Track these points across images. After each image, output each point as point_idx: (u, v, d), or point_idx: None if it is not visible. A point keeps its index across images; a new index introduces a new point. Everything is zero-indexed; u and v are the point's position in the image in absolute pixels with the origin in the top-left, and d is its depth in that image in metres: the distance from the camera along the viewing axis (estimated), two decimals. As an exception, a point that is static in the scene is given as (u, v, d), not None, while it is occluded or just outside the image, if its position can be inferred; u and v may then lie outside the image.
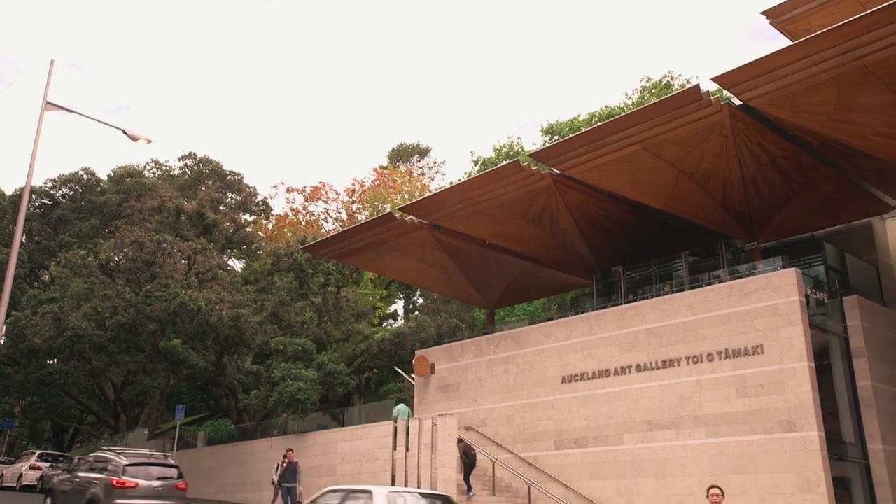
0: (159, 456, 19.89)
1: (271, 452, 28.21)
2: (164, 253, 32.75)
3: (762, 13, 27.23)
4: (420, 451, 21.67)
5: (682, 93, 19.51)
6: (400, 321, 50.60)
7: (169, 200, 38.38)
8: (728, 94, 19.17)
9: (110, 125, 18.72)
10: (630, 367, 21.76)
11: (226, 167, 53.03)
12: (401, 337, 37.20)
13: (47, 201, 46.37)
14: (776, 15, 26.91)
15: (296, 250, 34.19)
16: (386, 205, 48.59)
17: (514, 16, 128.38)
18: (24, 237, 43.70)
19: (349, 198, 54.01)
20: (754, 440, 18.63)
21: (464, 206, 24.90)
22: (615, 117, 20.11)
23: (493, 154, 47.57)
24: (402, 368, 37.61)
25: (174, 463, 19.79)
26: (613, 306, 23.58)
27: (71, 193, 46.63)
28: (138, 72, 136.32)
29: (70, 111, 18.15)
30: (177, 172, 53.66)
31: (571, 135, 24.14)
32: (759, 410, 18.73)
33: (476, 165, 47.76)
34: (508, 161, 26.10)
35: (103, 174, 48.83)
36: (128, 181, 46.08)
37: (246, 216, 48.91)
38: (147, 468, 18.27)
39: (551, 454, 22.85)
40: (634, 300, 23.30)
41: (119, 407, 43.18)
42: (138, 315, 30.53)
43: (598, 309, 24.07)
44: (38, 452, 35.02)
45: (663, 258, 25.24)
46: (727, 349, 19.79)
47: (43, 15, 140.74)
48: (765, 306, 19.40)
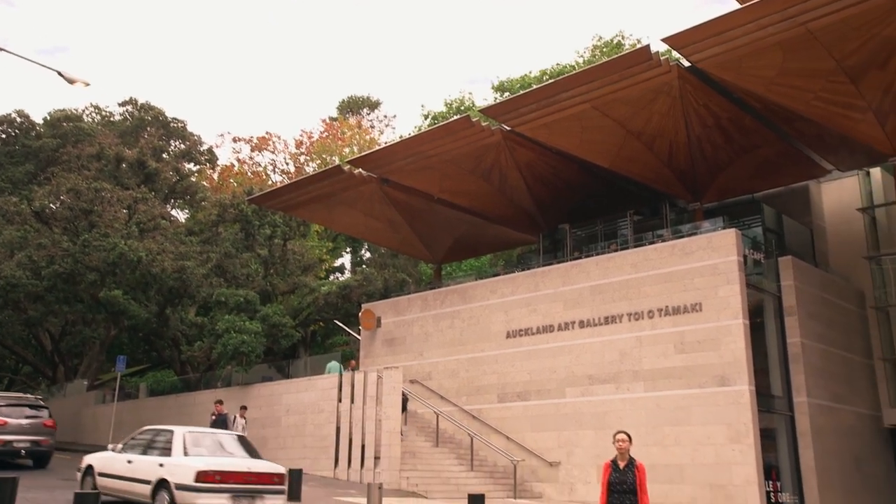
0: (30, 398, 22.88)
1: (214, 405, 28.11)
2: (103, 201, 31.82)
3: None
4: (365, 404, 21.86)
5: (632, 53, 19.65)
6: (347, 274, 50.47)
7: (108, 147, 37.17)
8: (677, 56, 19.35)
9: (45, 66, 17.92)
10: (574, 323, 22.21)
11: (169, 114, 51.58)
12: (347, 290, 37.15)
13: (-24, 145, 44.49)
14: (727, -23, 27.07)
15: (242, 201, 33.64)
16: (334, 157, 48.06)
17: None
18: (-46, 181, 41.96)
19: (297, 149, 53.21)
20: (689, 394, 19.31)
21: (413, 161, 24.80)
22: (566, 75, 20.16)
23: (444, 109, 47.26)
24: (349, 321, 37.63)
25: (44, 404, 22.30)
26: (559, 263, 23.93)
27: (3, 137, 44.73)
28: (76, 11, 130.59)
29: (0, 50, 17.32)
30: (117, 118, 51.89)
31: (522, 92, 24.08)
32: (696, 366, 19.38)
33: (426, 120, 47.42)
34: (459, 116, 26.02)
35: (39, 118, 46.99)
36: (65, 126, 44.32)
37: (190, 165, 47.70)
38: (18, 408, 20.77)
39: (494, 407, 23.31)
40: (580, 258, 23.68)
41: (57, 357, 42.31)
42: (76, 265, 29.76)
43: (544, 266, 24.41)
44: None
45: (609, 217, 25.63)
46: (667, 307, 20.33)
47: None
48: (705, 265, 19.94)
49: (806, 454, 20.26)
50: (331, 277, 48.83)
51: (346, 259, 53.55)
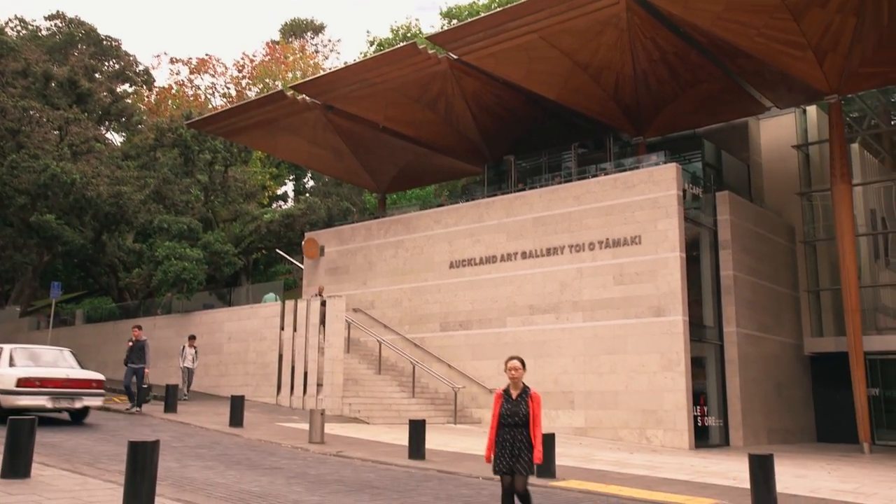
0: None
1: (155, 332, 27.84)
2: (32, 121, 30.46)
3: None
4: (308, 332, 21.94)
5: (582, -18, 19.40)
6: (290, 203, 49.87)
7: (36, 64, 35.35)
8: (626, -13, 19.22)
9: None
10: (516, 254, 22.50)
11: (102, 31, 49.23)
12: (290, 218, 36.77)
13: None
14: None
15: (180, 126, 32.63)
16: (277, 82, 46.85)
17: None
18: None
19: (238, 73, 51.67)
20: (626, 324, 19.92)
21: (358, 88, 24.35)
22: (514, 4, 19.86)
23: (391, 35, 46.26)
24: (292, 250, 37.40)
25: None
26: (503, 195, 24.06)
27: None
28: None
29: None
30: (45, 34, 49.29)
31: (470, 19, 23.71)
32: (633, 297, 19.94)
33: (372, 46, 46.39)
34: (405, 43, 25.51)
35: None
36: (-13, 39, 41.91)
37: (125, 87, 45.87)
38: None
39: (436, 336, 23.68)
40: (524, 189, 23.84)
41: (-13, 283, 41.09)
42: (4, 187, 28.63)
43: (489, 197, 24.52)
44: None
45: (554, 149, 25.76)
46: (608, 239, 20.74)
47: None
48: (645, 199, 20.32)
49: (732, 381, 21.24)
50: (274, 205, 48.18)
51: (290, 187, 52.85)
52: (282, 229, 36.90)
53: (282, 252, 37.50)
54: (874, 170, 27.78)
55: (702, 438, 19.67)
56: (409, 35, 43.79)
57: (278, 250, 37.93)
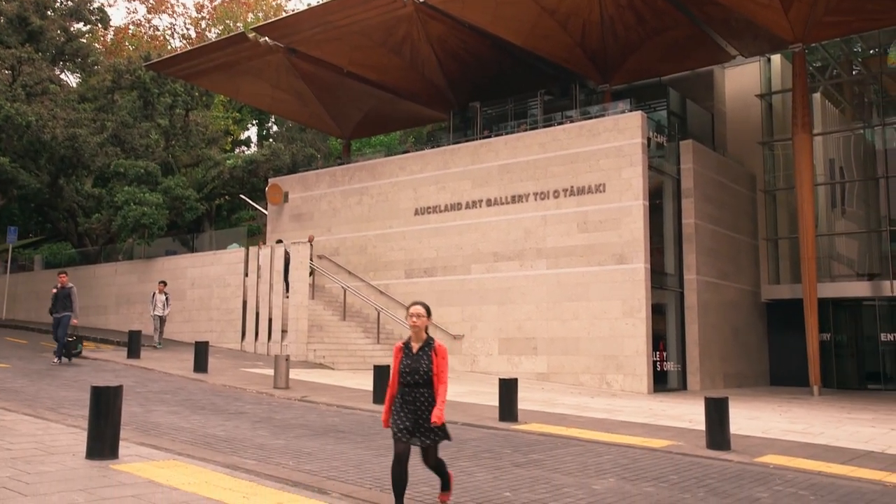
0: None
1: (116, 277, 27.54)
2: (-19, 61, 29.38)
3: None
4: (272, 278, 21.87)
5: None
6: (253, 148, 49.09)
7: (-16, 0, 33.96)
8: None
9: None
10: (481, 202, 22.54)
11: (52, -34, 47.10)
12: (254, 164, 36.23)
13: None
14: None
15: (139, 67, 31.68)
16: (238, 24, 45.63)
17: None
18: None
19: (198, 13, 50.17)
20: (589, 271, 20.18)
21: (322, 31, 23.84)
22: (482, -55, 19.51)
23: (355, -25, 45.10)
24: (255, 196, 36.94)
25: None
26: (469, 142, 23.96)
27: None
28: None
29: None
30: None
31: (436, -40, 23.21)
32: (596, 244, 20.17)
33: (336, -14, 45.21)
34: (370, -16, 24.88)
35: None
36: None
37: (79, 25, 44.23)
38: None
39: (401, 282, 23.76)
40: (490, 136, 23.75)
41: (-60, 228, 40.02)
42: (-46, 128, 27.70)
43: (454, 144, 24.40)
44: None
45: (520, 96, 25.62)
46: (573, 187, 20.85)
47: None
48: (610, 147, 20.39)
49: (691, 327, 21.75)
50: (237, 151, 47.40)
51: (253, 132, 51.94)
52: (245, 175, 36.38)
53: (245, 198, 37.03)
54: (834, 120, 28.17)
55: (660, 383, 20.19)
56: (375, -24, 42.78)
57: (242, 196, 37.43)
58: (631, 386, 19.07)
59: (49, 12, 36.38)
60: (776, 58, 27.02)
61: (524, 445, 9.66)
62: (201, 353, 16.84)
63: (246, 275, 22.65)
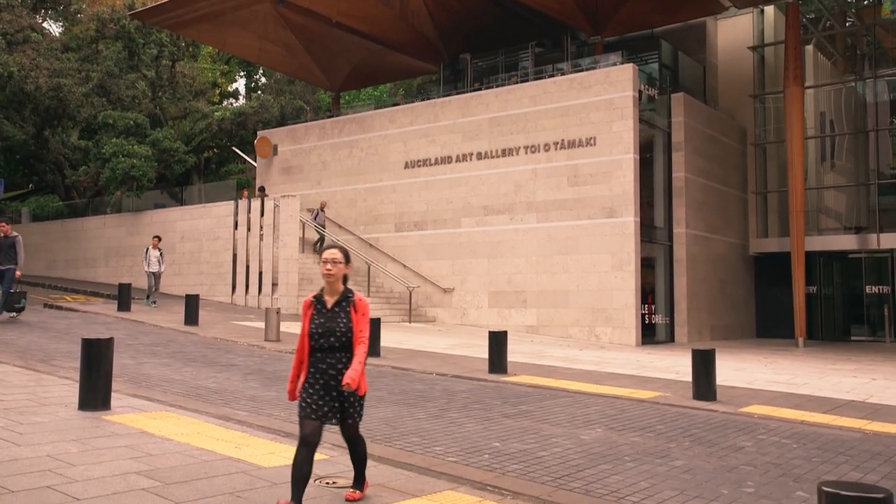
0: None
1: (105, 230, 27.40)
2: (-40, 8, 28.69)
3: None
4: (262, 232, 21.81)
5: None
6: (241, 100, 48.47)
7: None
8: None
9: None
10: (471, 155, 22.43)
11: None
12: (242, 117, 35.83)
13: None
14: None
15: (123, 17, 31.04)
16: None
17: None
18: None
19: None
20: (579, 225, 20.23)
21: (310, -21, 23.38)
22: None
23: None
24: (244, 149, 36.64)
25: None
26: (459, 94, 23.74)
27: None
28: None
29: None
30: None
31: None
32: (586, 198, 20.17)
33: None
34: (359, -69, 24.34)
35: None
36: None
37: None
38: None
39: (392, 236, 23.76)
40: (480, 89, 23.53)
41: (-75, 180, 39.54)
42: (-66, 78, 27.18)
43: (444, 96, 24.17)
44: None
45: (511, 48, 25.31)
46: (563, 140, 20.76)
47: None
48: (601, 100, 20.26)
49: (680, 280, 21.91)
50: (225, 103, 46.80)
51: (241, 84, 51.23)
52: (234, 128, 36.01)
53: (238, 150, 36.70)
54: (826, 72, 28.03)
55: (648, 335, 20.42)
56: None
57: (233, 147, 37.09)
58: (619, 338, 19.28)
59: (28, -42, 35.42)
60: (769, 9, 26.74)
61: (514, 397, 9.80)
62: (192, 306, 16.87)
63: (235, 228, 22.58)
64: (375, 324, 13.31)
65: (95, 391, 7.18)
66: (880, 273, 25.72)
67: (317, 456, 5.65)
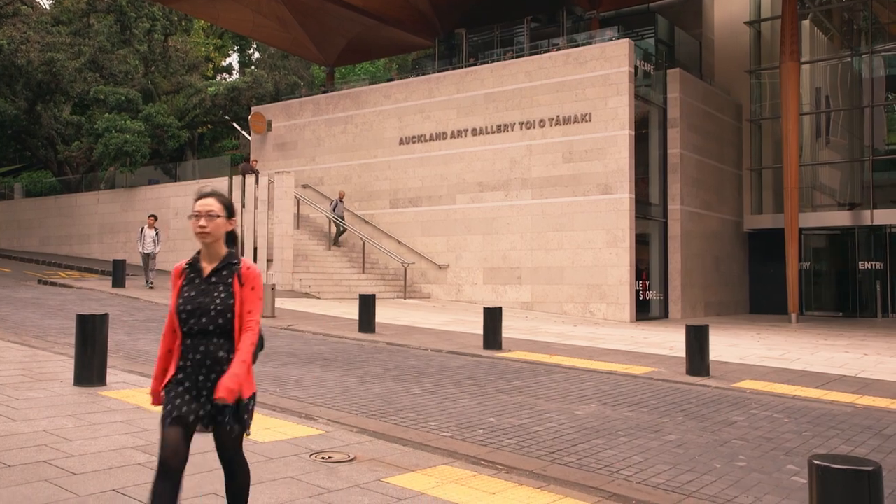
0: None
1: (99, 206, 27.31)
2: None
3: None
4: (256, 208, 21.75)
5: None
6: (235, 75, 48.11)
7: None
8: None
9: None
10: (466, 131, 22.35)
11: None
12: (236, 92, 35.58)
13: None
14: None
15: (114, -11, 30.75)
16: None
17: None
18: None
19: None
20: (573, 201, 20.22)
21: (303, -48, 23.12)
22: None
23: None
24: (238, 125, 36.42)
25: None
26: (454, 70, 23.59)
27: None
28: None
29: None
30: None
31: None
32: (581, 174, 20.15)
33: None
34: None
35: None
36: None
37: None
38: None
39: (386, 212, 23.72)
40: (475, 64, 23.39)
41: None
42: (-75, 52, 26.93)
43: (439, 72, 24.02)
44: None
45: (506, 23, 25.13)
46: (558, 116, 20.68)
47: None
48: (597, 76, 20.16)
49: (674, 257, 21.97)
50: (218, 78, 46.42)
51: (235, 59, 50.81)
52: (227, 103, 35.78)
53: (236, 125, 36.47)
54: (822, 48, 27.90)
55: (643, 312, 20.50)
56: None
57: (229, 119, 36.82)
58: (614, 314, 19.35)
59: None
60: (767, -16, 26.56)
61: (508, 373, 9.85)
62: (187, 283, 16.79)
63: (230, 204, 22.48)
64: (369, 300, 13.33)
65: (91, 367, 7.19)
66: (873, 249, 25.81)
67: (311, 431, 5.70)
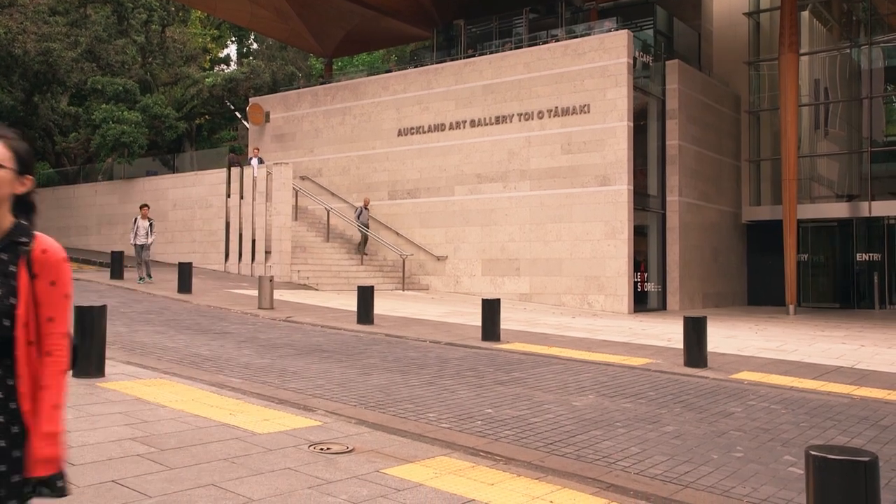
0: None
1: (97, 198, 27.27)
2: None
3: None
4: (255, 199, 21.72)
5: None
6: (233, 66, 47.94)
7: None
8: None
9: None
10: (465, 122, 22.31)
11: None
12: (234, 83, 35.49)
13: None
14: None
15: (111, -21, 30.61)
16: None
17: None
18: None
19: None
20: (572, 193, 20.21)
21: (301, -58, 23.02)
22: None
23: None
24: (236, 117, 36.34)
25: None
26: (453, 61, 23.53)
27: None
28: None
29: None
30: None
31: None
32: (580, 166, 20.13)
33: None
34: None
35: None
36: None
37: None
38: None
39: (384, 204, 23.71)
40: (474, 55, 23.33)
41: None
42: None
43: (438, 63, 23.96)
44: None
45: (505, 14, 25.05)
46: (557, 108, 20.65)
47: None
48: (595, 67, 20.12)
49: (672, 248, 21.98)
50: (216, 69, 46.27)
51: (232, 49, 50.64)
52: (225, 94, 35.71)
53: (234, 110, 36.37)
54: (822, 39, 27.85)
55: (641, 303, 20.53)
56: None
57: (230, 105, 36.71)
58: (612, 306, 19.38)
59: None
60: (766, -25, 26.50)
61: (506, 364, 9.87)
62: (185, 274, 16.86)
63: (228, 196, 22.48)
64: (368, 292, 13.31)
65: (89, 358, 7.20)
66: (871, 241, 25.83)
67: (309, 423, 5.72)
